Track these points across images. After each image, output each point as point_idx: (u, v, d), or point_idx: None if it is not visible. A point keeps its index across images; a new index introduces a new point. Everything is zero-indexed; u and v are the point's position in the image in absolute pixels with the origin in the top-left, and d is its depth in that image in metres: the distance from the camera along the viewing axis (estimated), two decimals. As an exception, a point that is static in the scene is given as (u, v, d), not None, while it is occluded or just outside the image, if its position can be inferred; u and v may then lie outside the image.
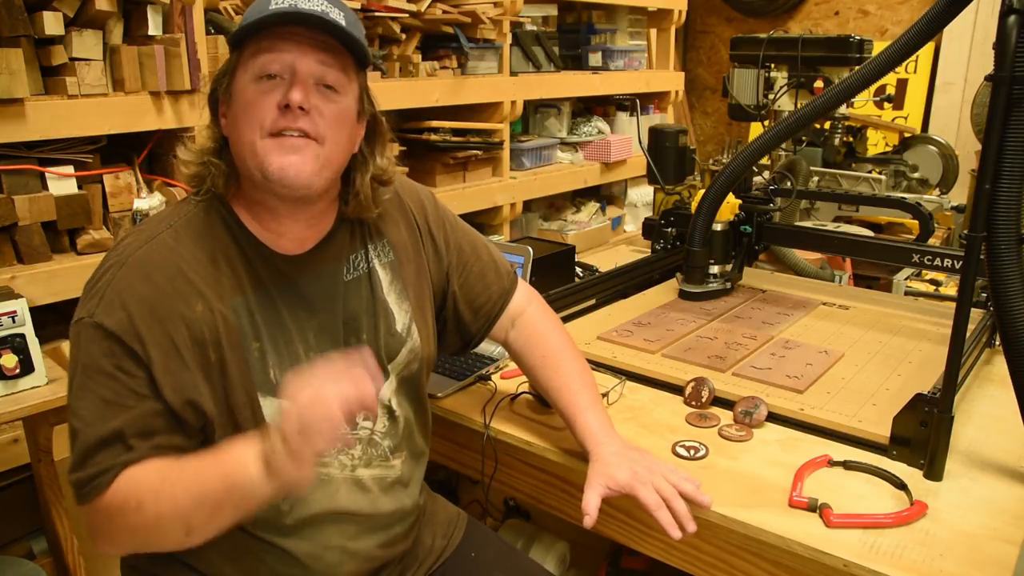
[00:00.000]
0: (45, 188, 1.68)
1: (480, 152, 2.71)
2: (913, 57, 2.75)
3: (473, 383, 1.50)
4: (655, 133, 2.19)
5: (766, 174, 2.25)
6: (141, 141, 1.87)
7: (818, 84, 2.36)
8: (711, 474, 1.17)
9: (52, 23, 1.60)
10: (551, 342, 1.27)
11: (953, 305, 1.14)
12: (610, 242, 3.15)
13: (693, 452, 1.24)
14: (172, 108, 1.80)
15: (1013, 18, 1.03)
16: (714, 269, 1.90)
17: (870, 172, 2.79)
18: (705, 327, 1.72)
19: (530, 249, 1.63)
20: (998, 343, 1.44)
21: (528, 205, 3.10)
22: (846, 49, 2.33)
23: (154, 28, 1.77)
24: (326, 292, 1.07)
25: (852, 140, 2.87)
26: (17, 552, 1.74)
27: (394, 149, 1.14)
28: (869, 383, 1.45)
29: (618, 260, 2.21)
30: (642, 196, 3.58)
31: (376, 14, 2.24)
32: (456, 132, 2.64)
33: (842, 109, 2.55)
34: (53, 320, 1.79)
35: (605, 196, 3.59)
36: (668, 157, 2.17)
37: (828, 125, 2.76)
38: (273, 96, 0.95)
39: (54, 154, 1.70)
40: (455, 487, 1.91)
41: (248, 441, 0.90)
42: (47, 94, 1.65)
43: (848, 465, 1.20)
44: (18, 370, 1.40)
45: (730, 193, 1.82)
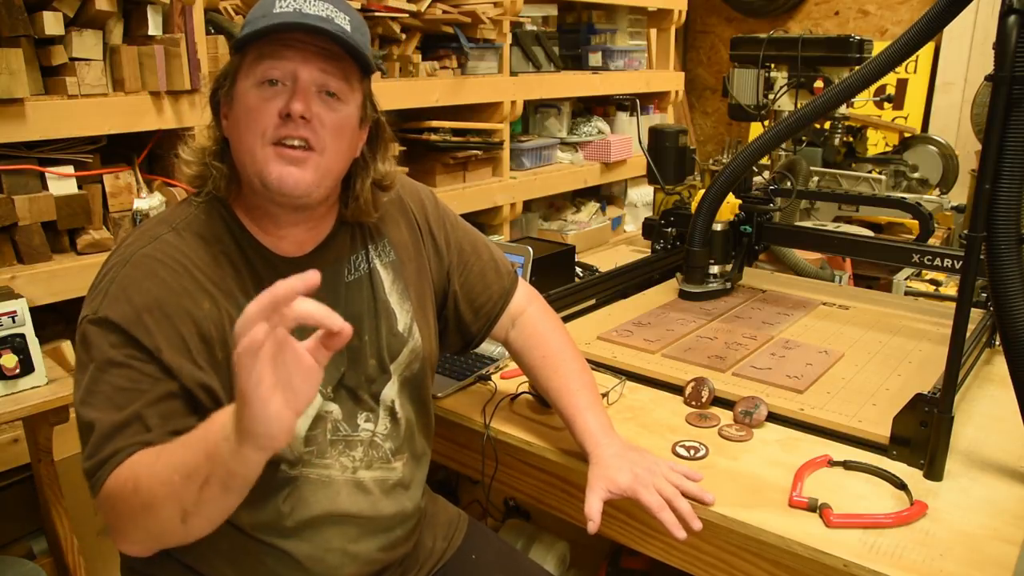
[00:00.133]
0: (45, 188, 1.68)
1: (480, 152, 2.71)
2: (913, 57, 2.74)
3: (473, 383, 1.50)
4: (655, 133, 2.19)
5: (766, 174, 2.25)
6: (141, 141, 1.87)
7: (818, 84, 2.36)
8: (711, 474, 1.17)
9: (52, 23, 1.60)
10: (551, 342, 1.27)
11: (953, 305, 1.14)
12: (610, 242, 3.15)
13: (693, 452, 1.24)
14: (172, 108, 1.80)
15: (1013, 18, 1.04)
16: (714, 269, 1.90)
17: (870, 172, 2.79)
18: (705, 327, 1.72)
19: (530, 249, 1.63)
20: (998, 343, 1.45)
21: (528, 205, 3.09)
22: (846, 49, 2.33)
23: (154, 28, 1.77)
24: (327, 293, 1.07)
25: (852, 140, 2.87)
26: (17, 552, 1.73)
27: (394, 149, 1.14)
28: (869, 383, 1.45)
29: (618, 260, 2.21)
30: (642, 196, 3.58)
31: (376, 14, 2.24)
32: (456, 132, 2.64)
33: (842, 109, 2.55)
34: (53, 320, 1.79)
35: (605, 196, 3.59)
36: (668, 157, 2.17)
37: (828, 125, 2.76)
38: (275, 103, 0.95)
39: (54, 154, 1.70)
40: (455, 487, 1.91)
41: (226, 408, 0.82)
42: (47, 94, 1.65)
43: (848, 465, 1.20)
44: (18, 370, 1.40)
45: (730, 193, 1.82)
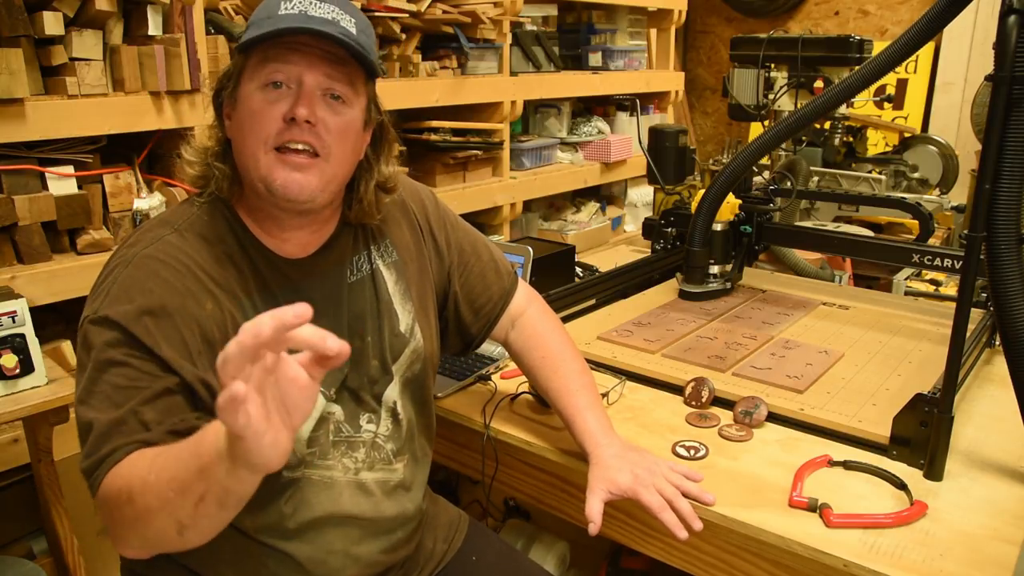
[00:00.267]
0: (45, 188, 1.68)
1: (480, 152, 2.71)
2: (913, 57, 2.75)
3: (473, 383, 1.50)
4: (655, 133, 2.19)
5: (766, 174, 2.25)
6: (141, 141, 1.87)
7: (818, 84, 2.36)
8: (711, 474, 1.17)
9: (52, 23, 1.60)
10: (551, 343, 1.27)
11: (953, 305, 1.14)
12: (610, 242, 3.15)
13: (693, 452, 1.24)
14: (172, 108, 1.80)
15: (1013, 18, 1.04)
16: (714, 269, 1.90)
17: (870, 172, 2.79)
18: (705, 327, 1.72)
19: (530, 249, 1.63)
20: (998, 343, 1.45)
21: (528, 205, 3.09)
22: (846, 49, 2.33)
23: (154, 28, 1.77)
24: (330, 295, 1.07)
25: (852, 140, 2.87)
26: (17, 552, 1.73)
27: (397, 151, 1.14)
28: (869, 383, 1.45)
29: (618, 260, 2.21)
30: (642, 196, 3.58)
31: (376, 14, 2.24)
32: (456, 132, 2.64)
33: (842, 109, 2.55)
34: (53, 320, 1.79)
35: (605, 196, 3.59)
36: (668, 157, 2.17)
37: (828, 125, 2.76)
38: (279, 107, 0.94)
39: (54, 154, 1.70)
40: (455, 487, 1.91)
41: (216, 423, 0.75)
42: (47, 94, 1.65)
43: (848, 465, 1.20)
44: (18, 370, 1.40)
45: (730, 193, 1.82)
